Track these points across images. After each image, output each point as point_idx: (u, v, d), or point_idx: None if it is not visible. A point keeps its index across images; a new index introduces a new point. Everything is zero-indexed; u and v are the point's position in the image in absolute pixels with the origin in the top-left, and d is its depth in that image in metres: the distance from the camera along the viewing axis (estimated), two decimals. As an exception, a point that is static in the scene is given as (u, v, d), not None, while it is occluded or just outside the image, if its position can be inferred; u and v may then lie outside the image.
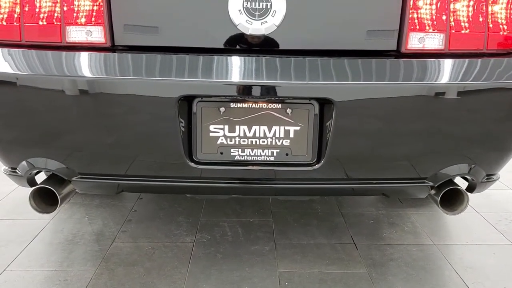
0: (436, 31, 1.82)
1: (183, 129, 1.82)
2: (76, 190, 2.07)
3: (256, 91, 1.74)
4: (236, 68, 1.75)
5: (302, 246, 2.53)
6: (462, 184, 2.05)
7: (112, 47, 1.81)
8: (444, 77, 1.81)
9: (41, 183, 1.96)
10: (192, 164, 1.85)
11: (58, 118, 1.81)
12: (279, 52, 1.80)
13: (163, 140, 1.83)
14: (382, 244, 2.57)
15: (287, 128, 1.83)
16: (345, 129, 1.79)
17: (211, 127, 1.83)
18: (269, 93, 1.75)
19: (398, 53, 1.84)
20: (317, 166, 1.86)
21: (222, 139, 1.85)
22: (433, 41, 1.83)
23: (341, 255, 2.44)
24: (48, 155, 1.90)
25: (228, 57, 1.77)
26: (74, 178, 1.94)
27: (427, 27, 1.82)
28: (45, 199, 2.02)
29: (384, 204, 3.10)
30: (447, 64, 1.82)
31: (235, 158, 1.87)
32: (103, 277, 2.22)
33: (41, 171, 2.04)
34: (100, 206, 3.02)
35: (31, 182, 2.02)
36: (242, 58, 1.77)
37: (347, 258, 2.42)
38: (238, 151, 1.86)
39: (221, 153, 1.86)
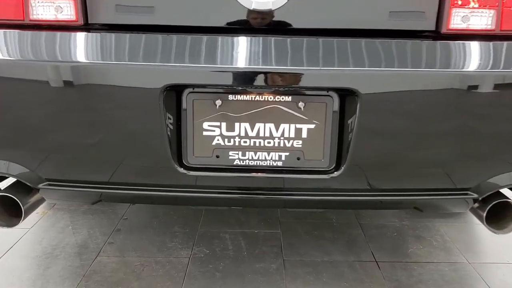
0: (484, 7, 1.45)
1: (170, 126, 1.48)
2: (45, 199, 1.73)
3: (260, 80, 1.40)
4: (236, 52, 1.41)
5: (315, 264, 2.18)
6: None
7: (84, 26, 1.48)
8: (494, 64, 1.45)
9: (3, 191, 1.63)
10: (182, 170, 1.51)
11: (19, 112, 1.48)
12: (289, 32, 1.45)
13: (145, 140, 1.49)
14: (408, 262, 2.21)
15: (299, 126, 1.48)
16: (371, 128, 1.44)
17: (205, 125, 1.49)
18: (276, 82, 1.40)
19: (437, 34, 1.48)
20: (335, 173, 1.50)
21: (218, 140, 1.50)
22: (481, 20, 1.47)
23: (361, 276, 2.09)
24: (9, 157, 1.57)
25: (227, 38, 1.43)
26: (40, 185, 1.61)
27: (473, 2, 1.45)
28: (9, 210, 1.68)
29: (408, 214, 2.74)
30: (498, 48, 1.46)
31: (234, 163, 1.53)
32: (81, 300, 1.89)
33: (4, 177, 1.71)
34: (87, 213, 2.68)
35: (-9, 189, 1.69)
36: (244, 39, 1.43)
37: (368, 280, 2.06)
38: (238, 154, 1.52)
39: (217, 157, 1.52)
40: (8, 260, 2.17)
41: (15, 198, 1.59)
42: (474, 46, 1.47)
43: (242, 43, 1.41)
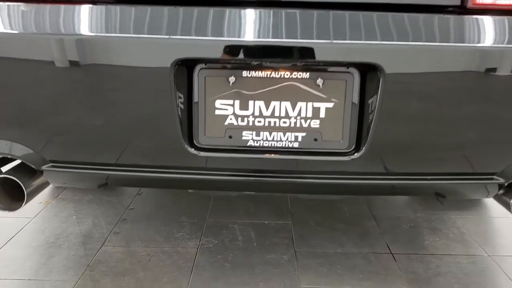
0: (513, -20, 1.37)
1: (181, 105, 1.39)
2: (49, 182, 1.65)
3: (276, 54, 1.32)
4: (251, 23, 1.32)
5: (328, 255, 2.09)
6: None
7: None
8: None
9: (5, 173, 1.55)
10: (193, 151, 1.43)
11: (21, 89, 1.40)
12: (308, 5, 1.35)
13: (155, 120, 1.41)
14: (425, 255, 2.12)
15: (316, 105, 1.40)
16: (394, 107, 1.35)
17: (218, 103, 1.41)
18: (293, 56, 1.32)
19: (463, 9, 1.38)
20: (355, 155, 1.42)
21: (231, 119, 1.42)
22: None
23: (376, 268, 2.00)
24: (11, 137, 1.49)
25: (241, 9, 1.33)
26: (44, 167, 1.53)
27: (501, -24, 1.37)
28: (11, 193, 1.61)
29: (422, 206, 2.65)
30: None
31: (248, 144, 1.44)
32: (85, 290, 1.81)
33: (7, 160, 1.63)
34: (92, 202, 2.61)
35: (-7, 171, 1.61)
36: (260, 9, 1.33)
37: (384, 272, 1.97)
38: (251, 134, 1.43)
39: (230, 137, 1.43)
40: (9, 250, 2.10)
41: (17, 181, 1.51)
42: (502, 22, 1.38)
43: (258, 14, 1.32)
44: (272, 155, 1.44)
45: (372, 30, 1.30)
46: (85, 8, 1.34)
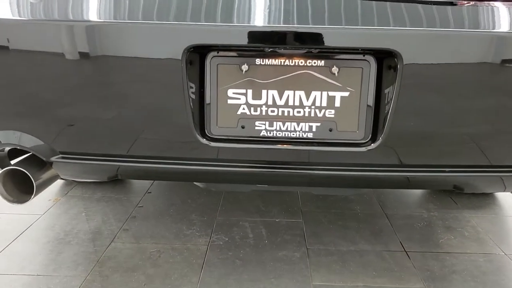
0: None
1: (192, 95, 1.37)
2: (59, 175, 1.63)
3: (290, 40, 1.29)
4: (264, 9, 1.29)
5: (340, 253, 2.05)
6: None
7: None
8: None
9: (14, 164, 1.53)
10: (204, 141, 1.40)
11: (31, 81, 1.38)
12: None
13: (166, 109, 1.38)
14: (440, 253, 2.08)
15: (331, 93, 1.37)
16: (413, 96, 1.31)
17: (230, 92, 1.38)
18: (307, 43, 1.29)
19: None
20: (372, 146, 1.38)
21: (244, 109, 1.39)
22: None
23: (391, 265, 1.96)
24: (21, 127, 1.47)
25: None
26: (53, 158, 1.51)
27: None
28: (20, 185, 1.59)
29: (436, 205, 2.60)
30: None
31: (261, 134, 1.41)
32: (95, 286, 1.78)
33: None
34: (101, 200, 2.59)
35: (2, 163, 1.59)
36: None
37: (398, 269, 1.93)
38: (264, 124, 1.40)
39: (242, 127, 1.40)
40: (19, 245, 2.08)
41: (27, 172, 1.49)
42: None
43: (271, 0, 1.29)
44: (286, 145, 1.41)
45: (389, 16, 1.27)
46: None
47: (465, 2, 1.32)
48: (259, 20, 1.29)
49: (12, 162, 1.64)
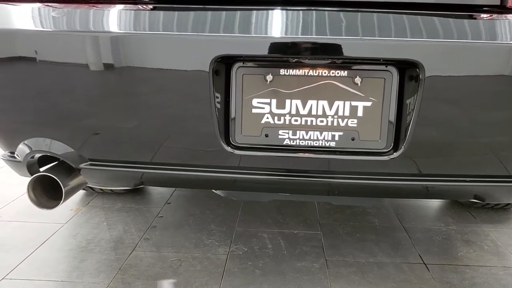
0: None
1: (218, 104, 1.41)
2: (86, 183, 1.68)
3: (314, 51, 1.33)
4: (288, 21, 1.33)
5: (359, 264, 2.06)
6: None
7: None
8: None
9: (43, 171, 1.58)
10: (229, 149, 1.44)
11: (61, 88, 1.44)
12: (347, 4, 1.36)
13: (192, 118, 1.42)
14: (459, 265, 2.08)
15: (354, 103, 1.40)
16: (435, 107, 1.34)
17: (255, 102, 1.42)
18: (331, 54, 1.33)
19: (502, 9, 1.38)
20: (394, 155, 1.41)
21: (268, 118, 1.43)
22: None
23: (410, 277, 1.96)
24: (51, 135, 1.52)
25: (279, 8, 1.35)
26: (82, 165, 1.55)
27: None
28: (48, 192, 1.64)
29: (454, 219, 2.60)
30: None
31: (284, 143, 1.45)
32: (117, 292, 1.81)
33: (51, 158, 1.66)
34: (122, 210, 2.63)
35: (32, 169, 1.64)
36: (297, 8, 1.34)
37: (418, 281, 1.93)
38: (288, 133, 1.44)
39: (266, 136, 1.44)
40: (43, 253, 2.12)
41: (56, 178, 1.54)
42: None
43: (295, 13, 1.33)
44: (308, 154, 1.44)
45: (411, 28, 1.30)
46: (129, 10, 1.37)
47: (485, 15, 1.35)
48: (283, 31, 1.32)
49: (41, 169, 1.69)
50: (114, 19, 1.37)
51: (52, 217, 2.48)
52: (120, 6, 1.36)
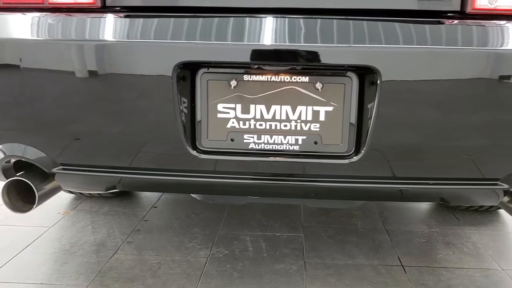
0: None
1: (184, 109, 1.44)
2: (60, 187, 1.71)
3: (276, 58, 1.36)
4: (251, 28, 1.36)
5: (337, 266, 2.08)
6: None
7: (102, 9, 1.46)
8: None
9: (18, 175, 1.61)
10: (195, 153, 1.47)
11: (35, 97, 1.47)
12: (307, 12, 1.39)
13: (158, 123, 1.46)
14: (436, 267, 2.09)
15: (316, 108, 1.42)
16: (393, 111, 1.36)
17: (220, 107, 1.45)
18: (292, 60, 1.35)
19: (462, 15, 1.40)
20: (355, 158, 1.43)
21: (233, 122, 1.46)
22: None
23: (386, 279, 1.98)
24: (26, 140, 1.55)
25: (242, 16, 1.38)
26: (55, 170, 1.59)
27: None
28: (24, 196, 1.67)
29: (438, 222, 2.62)
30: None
31: (249, 147, 1.47)
32: (95, 295, 1.85)
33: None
34: (108, 214, 2.66)
35: (8, 174, 1.68)
36: (260, 16, 1.37)
37: (393, 283, 1.95)
38: (253, 137, 1.46)
39: (232, 140, 1.47)
40: (26, 256, 2.16)
41: (29, 183, 1.57)
42: (503, 28, 1.39)
43: (258, 21, 1.37)
44: (273, 158, 1.47)
45: (368, 34, 1.32)
46: (93, 18, 1.41)
47: (446, 21, 1.37)
48: (246, 38, 1.35)
49: (18, 174, 1.72)
50: (80, 27, 1.40)
51: (39, 220, 2.52)
52: (83, 15, 1.40)
